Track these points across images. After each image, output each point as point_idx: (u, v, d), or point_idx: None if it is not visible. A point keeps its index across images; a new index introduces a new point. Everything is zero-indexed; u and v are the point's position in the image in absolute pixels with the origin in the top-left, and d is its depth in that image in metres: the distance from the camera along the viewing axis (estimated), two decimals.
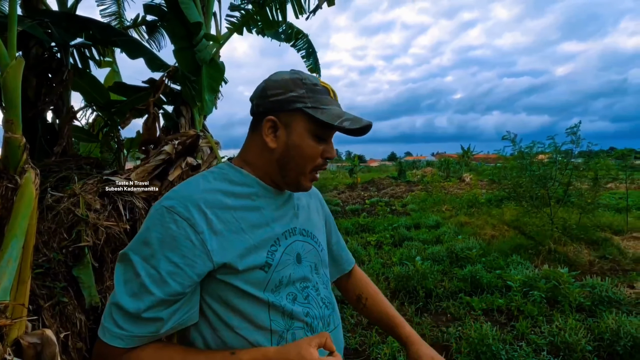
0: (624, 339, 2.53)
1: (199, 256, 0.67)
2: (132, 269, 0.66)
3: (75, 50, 3.01)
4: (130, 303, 0.64)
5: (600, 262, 4.81)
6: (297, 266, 0.80)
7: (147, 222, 0.69)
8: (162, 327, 0.66)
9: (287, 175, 0.79)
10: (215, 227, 0.69)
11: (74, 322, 1.94)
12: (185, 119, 2.80)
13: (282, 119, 0.76)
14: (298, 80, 0.76)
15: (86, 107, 2.98)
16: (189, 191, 0.72)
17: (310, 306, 0.79)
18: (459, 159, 23.48)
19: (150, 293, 0.64)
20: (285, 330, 0.74)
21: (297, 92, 0.75)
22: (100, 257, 2.16)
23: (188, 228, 0.67)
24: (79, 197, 2.07)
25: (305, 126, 0.75)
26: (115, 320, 0.64)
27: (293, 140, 0.76)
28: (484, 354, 2.46)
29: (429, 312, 3.52)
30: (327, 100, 0.77)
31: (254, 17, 2.96)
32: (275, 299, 0.74)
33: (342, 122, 0.73)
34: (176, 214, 0.67)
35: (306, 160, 0.77)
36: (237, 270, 0.70)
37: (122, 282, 0.66)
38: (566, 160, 5.72)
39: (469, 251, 4.86)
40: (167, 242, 0.66)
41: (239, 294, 0.71)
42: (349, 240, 6.35)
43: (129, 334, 0.64)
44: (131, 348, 0.65)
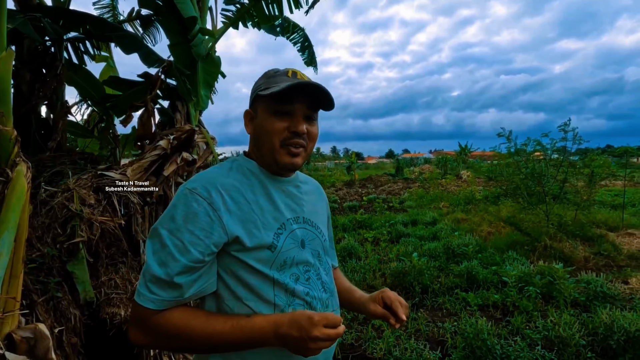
0: (617, 334, 2.55)
1: (215, 229, 0.78)
2: (159, 241, 0.77)
3: (70, 45, 2.98)
4: (160, 270, 0.75)
5: (595, 258, 4.84)
6: (301, 250, 0.88)
7: (174, 201, 0.81)
8: (187, 292, 0.76)
9: (264, 155, 0.89)
10: (230, 207, 0.80)
11: (68, 317, 1.94)
12: (180, 114, 2.79)
13: (253, 109, 0.91)
14: (266, 74, 0.90)
15: (81, 102, 2.96)
16: (209, 176, 0.84)
17: (311, 287, 0.88)
18: (456, 157, 23.52)
19: (177, 260, 0.75)
20: (287, 305, 0.83)
21: (258, 83, 0.89)
22: (95, 252, 2.15)
23: (207, 206, 0.78)
24: (73, 192, 2.06)
25: (263, 107, 0.87)
26: (147, 286, 0.75)
27: (258, 122, 0.88)
28: (479, 349, 2.47)
29: (425, 308, 3.53)
30: (280, 79, 0.85)
31: (250, 11, 2.93)
32: (280, 277, 0.83)
33: (280, 87, 0.81)
34: (197, 194, 0.79)
35: (270, 135, 0.85)
36: (247, 248, 0.80)
37: (152, 252, 0.77)
38: (562, 157, 5.75)
39: (465, 247, 4.88)
40: (189, 218, 0.77)
41: (248, 269, 0.81)
42: (346, 236, 6.35)
43: (160, 298, 0.75)
44: (162, 310, 0.76)
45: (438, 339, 2.91)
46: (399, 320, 0.93)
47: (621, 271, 4.37)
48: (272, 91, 0.81)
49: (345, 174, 23.20)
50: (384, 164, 49.13)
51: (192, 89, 2.76)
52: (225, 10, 3.03)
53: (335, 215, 8.65)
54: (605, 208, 7.83)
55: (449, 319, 3.19)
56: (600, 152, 6.02)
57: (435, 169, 22.48)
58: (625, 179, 6.49)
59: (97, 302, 2.07)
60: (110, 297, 2.12)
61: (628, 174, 6.27)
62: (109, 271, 2.18)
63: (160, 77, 2.66)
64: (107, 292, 2.12)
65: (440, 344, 2.82)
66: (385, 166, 39.01)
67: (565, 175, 5.58)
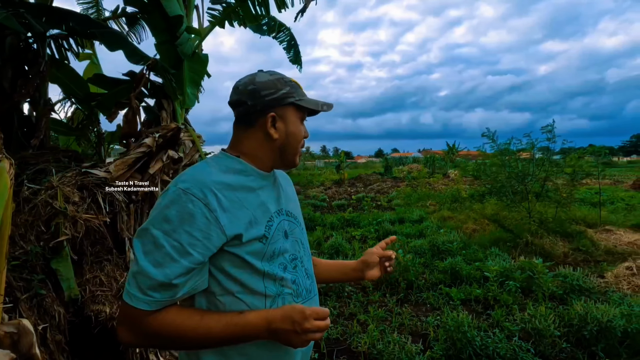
0: (590, 324, 2.66)
1: (214, 230, 0.78)
2: (152, 242, 0.76)
3: (53, 42, 2.95)
4: (156, 271, 0.74)
5: (574, 253, 5.01)
6: (285, 240, 0.93)
7: (165, 202, 0.79)
8: (179, 292, 0.77)
9: (287, 158, 0.96)
10: (224, 206, 0.81)
11: (52, 315, 1.94)
12: (166, 112, 2.79)
13: (278, 113, 0.92)
14: (282, 80, 0.93)
15: (64, 99, 2.94)
16: (201, 175, 0.83)
17: (297, 275, 0.94)
18: (444, 156, 23.83)
19: (176, 261, 0.75)
20: (277, 295, 0.87)
21: (286, 90, 0.92)
22: (79, 250, 2.15)
23: (203, 207, 0.78)
24: (56, 189, 2.06)
25: (296, 115, 0.94)
26: (140, 287, 0.75)
27: (291, 129, 0.93)
28: (459, 341, 2.55)
29: (410, 303, 3.61)
30: (303, 92, 0.97)
31: (236, 11, 2.95)
32: (270, 268, 0.87)
33: (322, 106, 0.97)
34: (192, 195, 0.78)
35: (299, 142, 0.96)
36: (242, 243, 0.83)
37: (143, 253, 0.76)
38: (546, 156, 5.92)
39: (450, 244, 4.99)
40: (185, 219, 0.76)
41: (241, 263, 0.84)
42: (334, 234, 6.41)
43: (153, 299, 0.75)
44: (155, 310, 0.76)
45: (421, 332, 2.99)
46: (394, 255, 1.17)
47: (598, 266, 4.53)
48: (321, 109, 0.96)
49: (335, 173, 23.28)
50: (373, 163, 49.40)
51: (178, 87, 2.77)
52: (211, 9, 3.05)
53: (324, 214, 8.70)
54: (585, 205, 8.07)
55: (432, 314, 3.28)
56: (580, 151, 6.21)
57: (423, 168, 22.74)
58: (600, 178, 6.71)
59: (82, 299, 2.07)
60: (95, 295, 2.13)
61: (601, 172, 6.48)
62: (94, 269, 2.18)
63: (145, 74, 2.66)
64: (92, 289, 2.12)
65: (423, 337, 2.90)
66: (375, 165, 39.25)
67: (546, 173, 5.74)
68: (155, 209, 0.80)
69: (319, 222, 7.64)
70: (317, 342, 2.83)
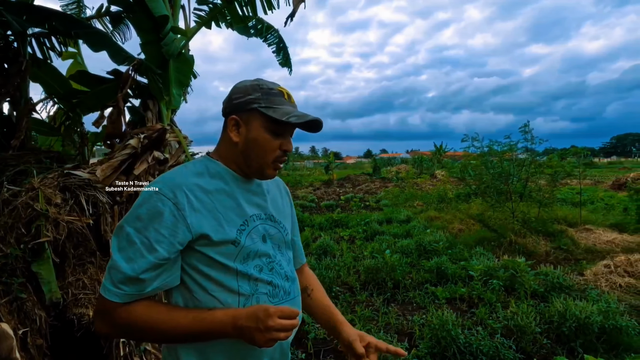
0: (569, 321, 2.74)
1: (180, 228, 0.82)
2: (126, 239, 0.81)
3: (34, 40, 2.89)
4: (127, 266, 0.79)
5: (555, 252, 5.15)
6: (262, 244, 0.94)
7: (139, 201, 0.84)
8: (149, 286, 0.81)
9: (251, 165, 0.93)
10: (194, 206, 0.85)
11: (33, 319, 1.90)
12: (152, 113, 2.76)
13: (242, 117, 0.92)
14: (256, 86, 0.92)
15: (46, 98, 2.88)
16: (174, 177, 0.88)
17: (274, 277, 0.94)
18: (431, 156, 24.13)
19: (144, 257, 0.79)
20: (251, 294, 0.88)
21: (254, 95, 0.90)
22: (61, 252, 2.11)
23: (172, 206, 0.82)
24: (38, 191, 2.02)
25: (260, 123, 0.90)
26: (113, 280, 0.79)
27: (252, 135, 0.91)
28: (444, 339, 2.59)
29: (396, 302, 3.65)
30: (280, 101, 0.91)
31: (223, 11, 2.94)
32: (243, 268, 0.88)
33: (289, 117, 0.88)
34: (162, 194, 0.83)
35: (265, 152, 0.92)
36: (212, 243, 0.85)
37: (117, 249, 0.81)
38: (528, 157, 6.07)
39: (436, 244, 5.06)
40: (155, 217, 0.81)
41: (212, 262, 0.86)
42: (322, 235, 6.43)
43: (124, 292, 0.79)
44: (125, 303, 0.80)
45: (407, 331, 3.03)
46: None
47: (578, 264, 4.67)
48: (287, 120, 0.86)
49: (324, 173, 23.31)
50: (362, 163, 49.67)
51: (163, 87, 2.74)
52: (197, 9, 3.03)
53: (313, 215, 8.71)
54: (566, 205, 8.29)
55: (418, 313, 3.32)
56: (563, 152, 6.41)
57: (411, 168, 22.97)
58: (581, 178, 6.91)
59: (64, 302, 2.03)
60: (78, 298, 2.09)
61: (582, 172, 6.68)
62: (77, 271, 2.15)
63: (131, 75, 2.63)
64: (75, 292, 2.09)
65: (408, 335, 2.94)
66: (364, 166, 39.47)
67: (528, 174, 5.89)
68: (131, 209, 0.85)
69: (307, 222, 7.65)
70: (304, 342, 2.85)
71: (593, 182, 14.75)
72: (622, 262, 4.27)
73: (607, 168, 28.29)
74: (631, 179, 12.04)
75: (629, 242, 5.30)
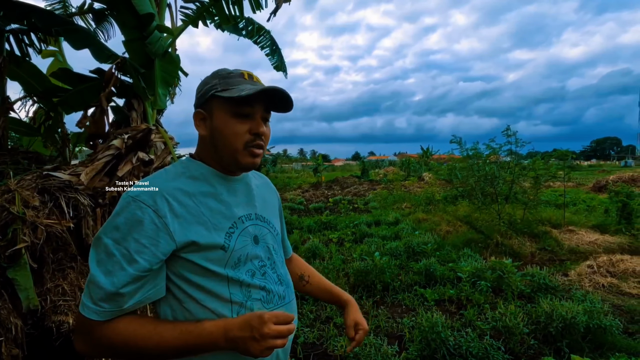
0: (556, 321, 2.77)
1: (162, 237, 0.76)
2: (105, 251, 0.75)
3: (13, 37, 2.78)
4: (106, 280, 0.73)
5: (540, 253, 5.23)
6: (254, 246, 0.90)
7: (117, 209, 0.78)
8: (129, 301, 0.74)
9: (224, 156, 0.87)
10: (177, 212, 0.79)
11: (8, 328, 1.81)
12: (136, 113, 2.69)
13: (205, 109, 0.88)
14: (214, 74, 0.88)
15: (25, 97, 2.77)
16: (153, 182, 0.82)
17: (267, 281, 0.90)
18: (419, 159, 24.37)
19: (124, 269, 0.73)
20: (244, 301, 0.84)
21: (211, 83, 0.86)
22: (39, 258, 2.02)
23: (152, 213, 0.76)
24: (14, 193, 1.93)
25: (222, 108, 0.85)
26: (92, 297, 0.73)
27: (216, 124, 0.86)
28: (433, 341, 2.59)
29: (386, 305, 3.64)
30: (237, 81, 0.86)
31: (210, 10, 2.89)
32: (235, 274, 0.83)
33: (241, 92, 0.81)
34: (141, 201, 0.77)
35: (232, 138, 0.85)
36: (199, 249, 0.80)
37: (96, 262, 0.75)
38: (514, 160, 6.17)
39: (424, 246, 5.08)
40: (134, 226, 0.75)
41: (200, 270, 0.81)
42: (311, 237, 6.39)
43: (102, 309, 0.73)
44: (106, 320, 0.74)
45: (397, 334, 3.01)
46: None
47: (562, 264, 4.75)
48: (239, 95, 0.80)
49: (312, 175, 23.27)
50: (350, 166, 49.84)
51: (148, 87, 2.67)
52: (184, 7, 2.97)
53: (301, 217, 8.67)
54: (550, 207, 8.47)
55: (408, 315, 3.32)
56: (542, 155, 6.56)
57: (399, 171, 23.15)
58: (565, 181, 7.08)
59: (42, 310, 1.95)
60: (57, 305, 2.01)
61: (566, 175, 6.84)
62: (56, 277, 2.06)
63: (114, 73, 2.56)
64: (54, 299, 2.00)
65: (398, 338, 2.93)
66: (352, 168, 39.60)
67: (513, 177, 5.99)
68: (109, 218, 0.79)
69: (296, 225, 7.60)
70: (294, 347, 2.80)
71: (575, 184, 15.14)
72: (604, 263, 4.37)
73: (587, 171, 29.10)
74: (611, 182, 12.39)
75: (610, 243, 5.43)
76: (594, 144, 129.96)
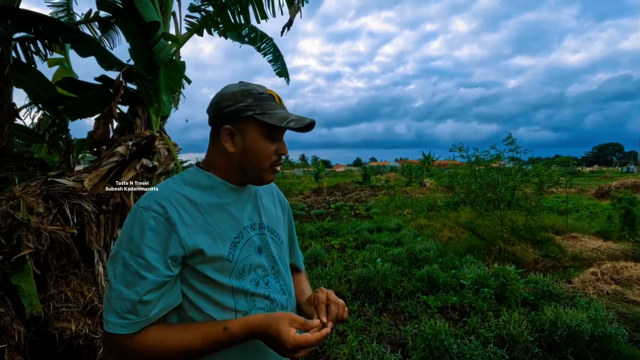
0: (560, 329, 2.75)
1: (172, 243, 0.78)
2: (122, 263, 0.76)
3: (19, 45, 2.82)
4: (128, 291, 0.74)
5: (543, 260, 5.20)
6: (258, 256, 0.91)
7: (129, 221, 0.80)
8: (154, 309, 0.76)
9: (249, 173, 0.91)
10: (185, 220, 0.81)
11: (11, 334, 1.81)
12: (140, 120, 2.71)
13: (236, 126, 0.88)
14: (245, 92, 0.88)
15: (30, 104, 2.80)
16: (161, 192, 0.84)
17: (270, 290, 0.91)
18: (420, 165, 24.37)
19: (144, 278, 0.75)
20: (248, 310, 0.85)
21: (246, 102, 0.86)
22: (43, 264, 2.03)
23: (164, 221, 0.79)
24: (19, 199, 1.94)
25: (257, 130, 0.88)
26: (116, 311, 0.74)
27: (249, 144, 0.88)
28: (437, 349, 2.57)
29: (388, 312, 3.62)
30: (273, 105, 0.89)
31: (215, 19, 2.93)
32: (239, 284, 0.85)
33: (288, 123, 0.86)
34: (152, 211, 0.79)
35: (263, 159, 0.89)
36: (206, 259, 0.82)
37: (114, 276, 0.76)
38: (516, 166, 6.17)
39: (427, 252, 5.06)
40: (148, 235, 0.77)
41: (205, 280, 0.82)
42: (313, 243, 6.38)
43: (129, 322, 0.74)
44: (134, 333, 0.75)
45: (399, 341, 2.99)
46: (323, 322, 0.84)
47: (565, 271, 4.72)
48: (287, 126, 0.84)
49: (314, 181, 23.29)
50: (351, 171, 49.87)
51: (153, 94, 2.70)
52: (189, 17, 3.01)
53: (303, 223, 8.66)
54: (553, 213, 8.44)
55: (410, 322, 3.30)
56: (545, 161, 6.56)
57: (400, 176, 23.14)
58: (567, 187, 7.06)
59: (45, 316, 1.94)
60: (60, 311, 2.01)
61: (568, 181, 6.82)
62: (59, 283, 2.06)
63: (122, 82, 2.58)
64: (57, 305, 2.00)
65: (401, 346, 2.91)
66: (353, 174, 39.61)
67: (515, 183, 5.98)
68: (122, 231, 0.81)
69: (297, 231, 7.59)
70: None
71: (577, 190, 15.09)
72: (608, 270, 4.34)
73: (589, 177, 29.03)
74: (614, 188, 12.35)
75: (613, 250, 5.40)
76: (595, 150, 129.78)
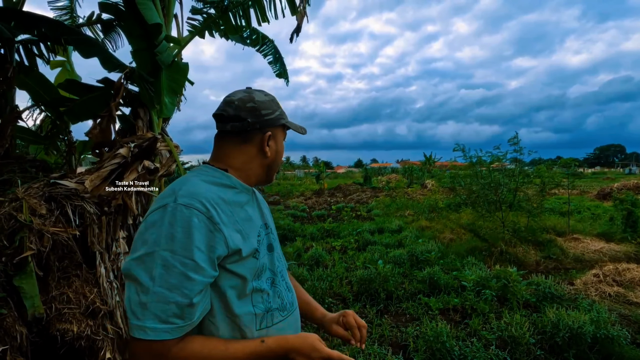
0: (562, 331, 2.74)
1: (219, 243, 0.77)
2: (161, 265, 0.71)
3: (22, 47, 2.83)
4: (173, 294, 0.70)
5: (545, 261, 5.19)
6: (269, 255, 0.95)
7: (169, 219, 0.74)
8: (196, 312, 0.74)
9: (270, 175, 1.00)
10: (223, 219, 0.81)
11: (13, 336, 1.81)
12: (142, 121, 2.72)
13: (272, 132, 0.96)
14: (276, 101, 0.99)
15: (33, 106, 2.81)
16: (198, 191, 0.81)
17: (280, 289, 0.95)
18: (421, 166, 24.36)
19: (192, 279, 0.71)
20: (265, 312, 0.88)
21: (280, 111, 0.98)
22: (45, 266, 2.03)
23: (207, 220, 0.76)
24: (22, 201, 1.95)
25: (283, 136, 1.02)
26: (158, 316, 0.69)
27: (279, 148, 0.99)
28: (438, 351, 2.57)
29: (390, 314, 3.62)
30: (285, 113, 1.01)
31: (217, 22, 2.94)
32: (257, 284, 0.87)
33: (300, 129, 1.04)
34: (195, 209, 0.76)
35: (281, 161, 1.02)
36: (241, 258, 0.82)
37: (150, 280, 0.70)
38: (517, 167, 6.17)
39: (428, 254, 5.06)
40: (193, 234, 0.73)
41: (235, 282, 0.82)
42: (314, 245, 6.38)
43: (176, 326, 0.70)
44: (180, 339, 0.73)
45: (401, 343, 2.99)
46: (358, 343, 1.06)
47: (567, 273, 4.71)
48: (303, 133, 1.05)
49: (315, 183, 23.29)
50: (352, 173, 49.86)
51: (155, 96, 2.70)
52: (191, 19, 3.02)
53: (304, 224, 8.65)
54: (554, 214, 8.42)
55: (412, 324, 3.29)
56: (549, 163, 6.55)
57: (401, 178, 23.13)
58: (569, 188, 7.04)
59: (47, 318, 1.95)
60: (62, 313, 2.01)
61: (571, 182, 6.81)
62: (61, 285, 2.07)
63: (123, 83, 2.59)
64: (59, 307, 2.01)
65: (402, 348, 2.90)
66: (354, 175, 39.60)
67: (517, 184, 5.97)
68: (153, 230, 0.74)
69: (298, 232, 7.59)
70: None
71: (579, 191, 15.06)
72: (610, 272, 4.32)
73: (591, 178, 28.95)
74: (616, 189, 12.32)
75: (616, 251, 5.38)
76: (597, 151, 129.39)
